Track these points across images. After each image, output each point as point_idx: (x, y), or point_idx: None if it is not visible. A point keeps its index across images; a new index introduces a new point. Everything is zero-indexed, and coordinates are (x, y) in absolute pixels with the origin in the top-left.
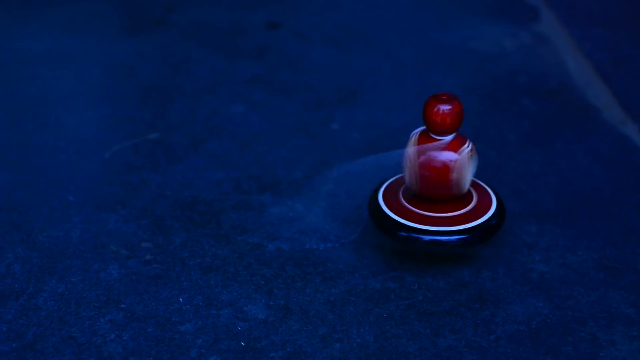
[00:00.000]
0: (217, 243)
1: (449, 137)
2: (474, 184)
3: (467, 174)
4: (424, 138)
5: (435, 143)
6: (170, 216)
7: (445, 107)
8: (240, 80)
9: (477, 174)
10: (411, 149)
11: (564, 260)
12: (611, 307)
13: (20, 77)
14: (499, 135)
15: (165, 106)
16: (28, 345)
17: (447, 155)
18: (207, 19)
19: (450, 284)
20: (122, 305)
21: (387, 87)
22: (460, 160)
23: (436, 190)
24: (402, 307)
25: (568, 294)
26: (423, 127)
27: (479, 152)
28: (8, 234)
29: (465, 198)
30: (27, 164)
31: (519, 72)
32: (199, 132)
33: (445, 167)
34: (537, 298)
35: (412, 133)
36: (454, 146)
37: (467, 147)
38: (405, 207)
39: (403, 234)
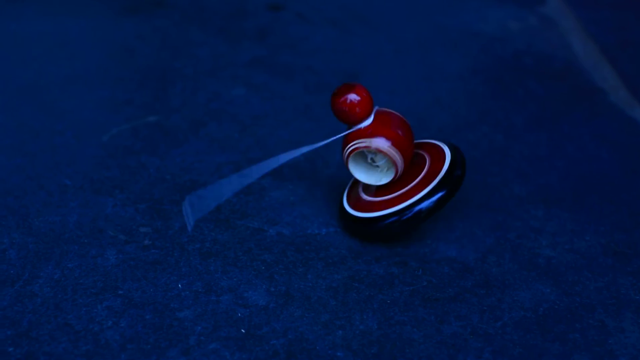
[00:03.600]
0: (216, 228)
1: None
2: (426, 148)
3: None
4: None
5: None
6: (169, 200)
7: (352, 97)
8: (241, 63)
9: (482, 157)
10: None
11: (571, 245)
12: (620, 293)
13: (16, 60)
14: (505, 118)
15: (165, 89)
16: (23, 333)
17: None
18: (206, 1)
19: (455, 269)
20: (120, 292)
21: (390, 69)
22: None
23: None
24: (406, 293)
25: (576, 280)
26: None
27: (486, 134)
28: (3, 218)
29: (419, 165)
30: (23, 148)
31: (525, 54)
32: (199, 115)
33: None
34: (544, 284)
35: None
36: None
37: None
38: (373, 200)
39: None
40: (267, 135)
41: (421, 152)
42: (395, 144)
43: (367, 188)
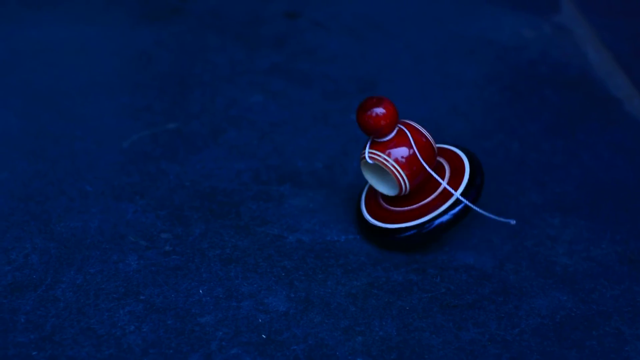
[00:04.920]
0: (237, 234)
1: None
2: (445, 156)
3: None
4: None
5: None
6: (190, 207)
7: (378, 110)
8: (259, 70)
9: (498, 166)
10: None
11: (587, 253)
12: (636, 301)
13: (36, 67)
14: (520, 126)
15: (184, 95)
16: (47, 337)
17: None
18: (224, 8)
19: (473, 276)
20: (142, 297)
21: (407, 77)
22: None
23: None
24: (424, 300)
25: (592, 288)
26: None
27: (502, 143)
28: (26, 224)
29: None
30: (45, 154)
31: (540, 62)
32: (218, 121)
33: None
34: (561, 291)
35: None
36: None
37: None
38: (392, 210)
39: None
40: (286, 142)
41: (440, 160)
42: (406, 165)
43: (386, 195)
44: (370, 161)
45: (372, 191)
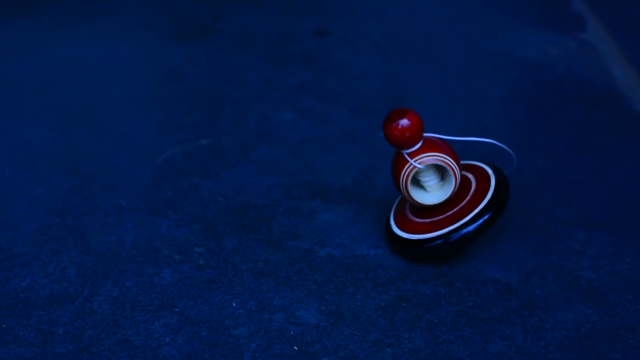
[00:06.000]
0: (268, 248)
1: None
2: (470, 170)
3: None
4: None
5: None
6: (222, 221)
7: (403, 122)
8: (289, 87)
9: (524, 181)
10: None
11: (612, 267)
12: None
13: (71, 84)
14: (546, 142)
15: (215, 112)
16: (84, 348)
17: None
18: (254, 26)
19: (499, 290)
20: (176, 309)
21: (434, 94)
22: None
23: None
24: (452, 313)
25: (617, 301)
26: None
27: (528, 158)
28: (62, 238)
29: (464, 187)
30: (80, 169)
31: (566, 79)
32: (249, 138)
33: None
34: (586, 305)
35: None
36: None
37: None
38: (419, 222)
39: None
40: (316, 158)
41: (465, 173)
42: (452, 154)
43: (413, 207)
44: (420, 166)
45: (401, 205)
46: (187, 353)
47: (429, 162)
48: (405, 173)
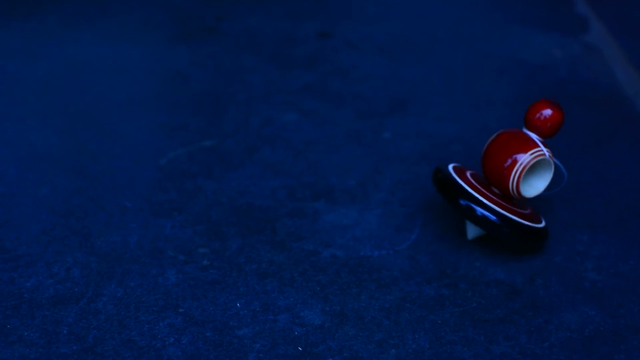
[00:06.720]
0: (272, 249)
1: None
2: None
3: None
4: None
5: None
6: (226, 222)
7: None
8: (293, 89)
9: None
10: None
11: (615, 269)
12: None
13: (75, 85)
14: (550, 144)
15: (219, 114)
16: (89, 348)
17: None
18: (258, 28)
19: (503, 291)
20: (181, 310)
21: (438, 96)
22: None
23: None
24: (456, 314)
25: (620, 303)
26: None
27: None
28: (67, 238)
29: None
30: (84, 171)
31: (569, 81)
32: (253, 140)
33: None
34: (590, 306)
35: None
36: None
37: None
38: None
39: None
40: (319, 159)
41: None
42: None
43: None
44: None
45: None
46: (192, 353)
47: (550, 157)
48: (533, 155)
